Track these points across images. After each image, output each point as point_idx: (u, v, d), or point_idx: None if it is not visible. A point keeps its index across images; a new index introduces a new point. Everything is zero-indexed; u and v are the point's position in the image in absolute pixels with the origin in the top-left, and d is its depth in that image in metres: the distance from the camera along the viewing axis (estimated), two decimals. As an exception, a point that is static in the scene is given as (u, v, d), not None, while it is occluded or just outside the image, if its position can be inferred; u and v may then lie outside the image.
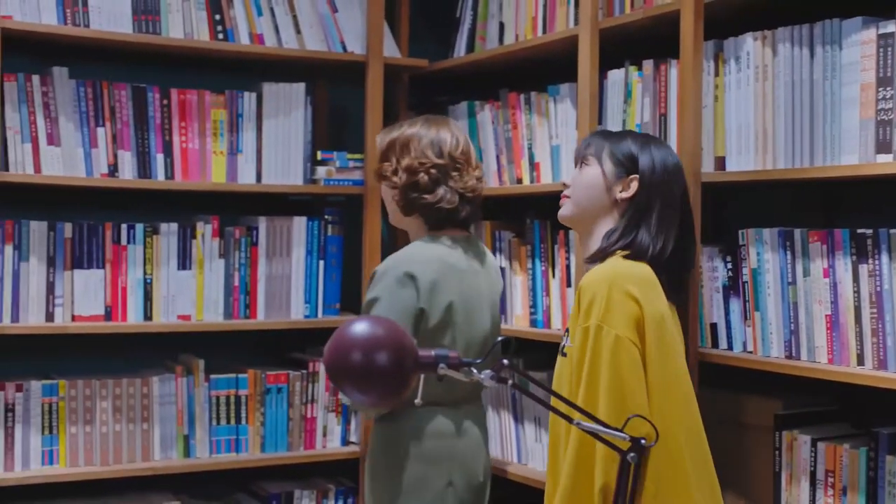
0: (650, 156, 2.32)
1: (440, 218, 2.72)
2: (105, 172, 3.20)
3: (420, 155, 2.70)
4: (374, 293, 2.61)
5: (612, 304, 2.11)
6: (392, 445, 2.65)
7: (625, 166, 2.32)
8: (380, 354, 1.65)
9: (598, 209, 2.33)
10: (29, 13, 3.09)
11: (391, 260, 2.65)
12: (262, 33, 3.40)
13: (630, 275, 2.16)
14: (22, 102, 3.10)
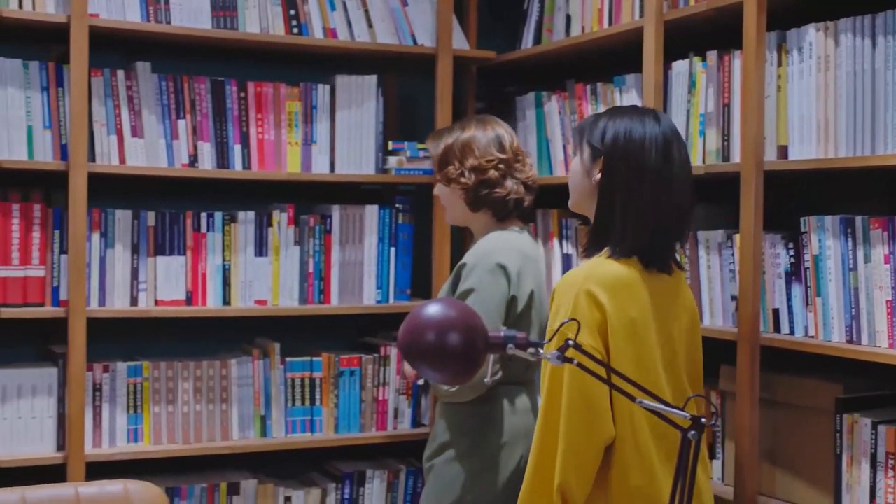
0: (614, 131, 2.28)
1: (508, 210, 2.87)
2: (186, 163, 3.33)
3: (484, 153, 2.85)
4: (469, 284, 2.74)
5: (577, 310, 2.12)
6: (476, 425, 2.78)
7: (597, 149, 2.30)
8: (452, 335, 1.74)
9: (587, 195, 2.34)
10: (114, 11, 3.22)
11: (479, 252, 2.79)
12: (336, 27, 3.51)
13: (602, 280, 2.16)
14: (108, 96, 3.24)
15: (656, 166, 2.24)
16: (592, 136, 2.31)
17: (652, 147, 2.25)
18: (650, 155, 2.24)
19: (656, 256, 2.27)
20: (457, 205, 2.92)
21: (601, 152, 2.28)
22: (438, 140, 2.94)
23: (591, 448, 2.11)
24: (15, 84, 3.14)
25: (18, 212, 3.14)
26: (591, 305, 2.13)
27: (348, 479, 3.55)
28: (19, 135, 3.14)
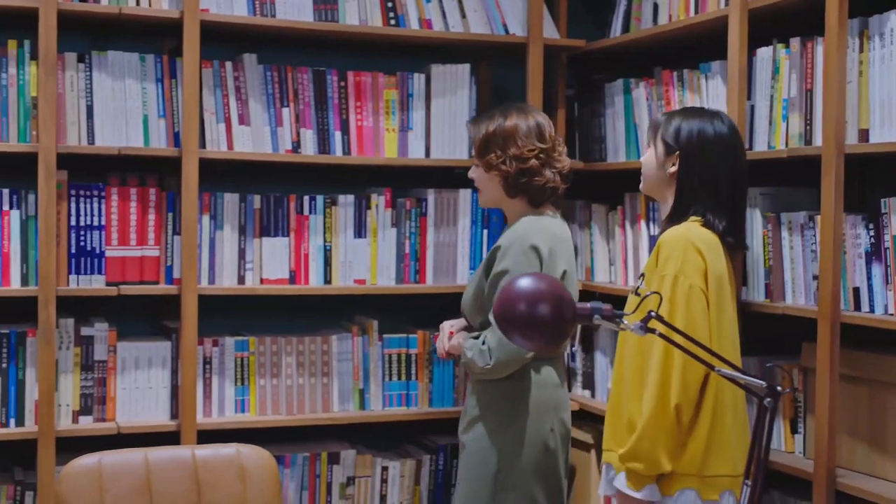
0: (689, 131, 2.72)
1: (544, 197, 3.05)
2: (289, 149, 3.51)
3: (526, 143, 3.01)
4: (504, 265, 2.92)
5: (687, 258, 2.58)
6: (506, 400, 2.96)
7: (671, 145, 2.73)
8: (542, 306, 1.88)
9: (660, 183, 2.78)
10: (223, 6, 3.41)
11: (512, 235, 2.96)
12: (431, 18, 3.65)
13: (699, 237, 2.62)
14: (217, 87, 3.43)
15: (727, 160, 2.72)
16: (667, 134, 2.74)
17: (721, 144, 2.72)
18: (720, 150, 2.71)
19: (733, 232, 2.73)
20: (493, 189, 3.07)
21: (675, 149, 2.72)
22: (479, 126, 3.07)
23: (695, 378, 2.54)
24: (132, 76, 3.35)
25: (136, 196, 3.36)
26: (697, 255, 2.58)
27: (441, 451, 3.71)
28: (136, 124, 3.36)
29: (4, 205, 3.24)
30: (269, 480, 2.59)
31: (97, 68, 3.31)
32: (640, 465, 2.57)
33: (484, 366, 2.93)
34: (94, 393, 3.33)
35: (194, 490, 2.53)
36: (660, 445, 2.55)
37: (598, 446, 3.65)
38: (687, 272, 2.57)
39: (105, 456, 2.51)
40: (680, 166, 2.72)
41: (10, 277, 3.24)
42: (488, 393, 3.00)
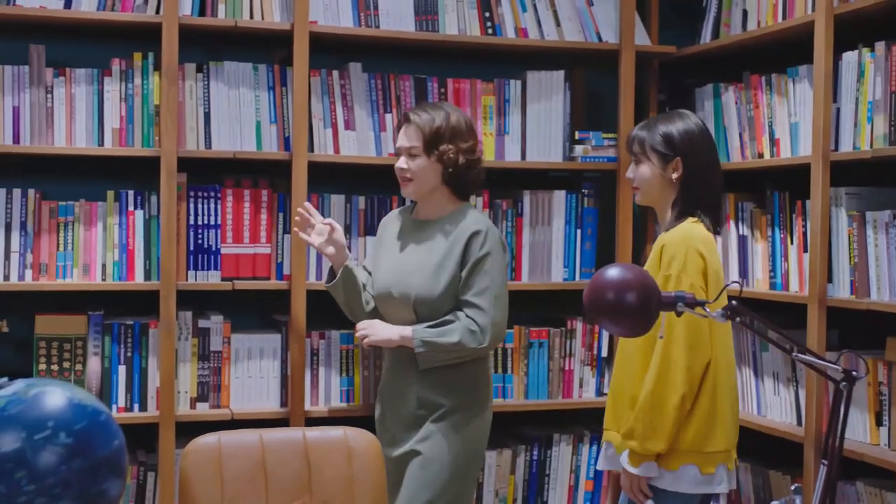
0: (679, 134, 2.88)
1: (473, 189, 3.24)
2: (392, 152, 3.69)
3: (470, 138, 3.17)
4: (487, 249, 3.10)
5: (688, 258, 2.76)
6: (475, 382, 3.15)
7: (665, 152, 2.88)
8: (629, 294, 2.03)
9: (662, 191, 2.92)
10: (330, 18, 3.61)
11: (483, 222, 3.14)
12: (526, 27, 3.81)
13: (698, 236, 2.80)
14: (324, 94, 3.64)
15: (713, 152, 2.92)
16: (657, 143, 2.90)
17: (706, 138, 2.91)
18: (707, 144, 2.91)
19: (718, 222, 2.93)
20: (432, 179, 3.15)
21: (673, 155, 2.87)
22: (419, 116, 3.15)
23: (699, 369, 2.74)
24: (246, 85, 3.57)
25: (249, 197, 3.58)
26: (697, 255, 2.76)
27: (536, 442, 3.85)
28: (249, 129, 3.58)
29: (129, 205, 3.49)
30: (375, 461, 2.76)
31: (214, 78, 3.55)
32: (635, 444, 2.79)
33: (476, 346, 3.06)
34: (210, 381, 3.56)
35: (305, 469, 2.72)
36: (657, 428, 2.76)
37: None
38: (689, 271, 2.75)
39: (224, 436, 2.72)
40: (684, 169, 2.87)
41: (134, 273, 3.49)
42: (454, 379, 3.12)
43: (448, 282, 3.09)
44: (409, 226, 3.25)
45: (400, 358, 3.18)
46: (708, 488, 2.80)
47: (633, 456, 2.81)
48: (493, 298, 3.08)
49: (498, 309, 3.09)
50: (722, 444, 2.81)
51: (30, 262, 3.42)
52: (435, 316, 3.11)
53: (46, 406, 1.76)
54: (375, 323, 3.21)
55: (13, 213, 3.41)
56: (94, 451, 1.76)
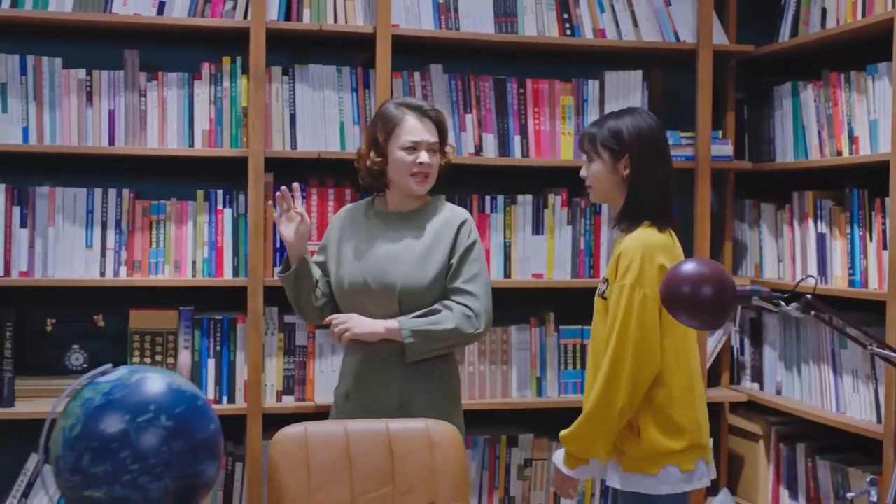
0: (628, 130, 2.84)
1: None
2: (472, 152, 3.77)
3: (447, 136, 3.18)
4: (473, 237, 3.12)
5: (644, 268, 2.73)
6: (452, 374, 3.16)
7: (615, 148, 2.85)
8: (704, 288, 2.08)
9: (614, 188, 2.88)
10: (412, 21, 3.70)
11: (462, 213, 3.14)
12: (604, 28, 3.86)
13: (654, 243, 2.77)
14: (406, 95, 3.72)
15: (665, 149, 2.89)
16: (607, 140, 2.86)
17: (657, 134, 2.87)
18: (658, 141, 2.87)
19: (671, 222, 2.89)
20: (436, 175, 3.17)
21: (623, 151, 2.83)
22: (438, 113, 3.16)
23: (644, 381, 2.74)
24: (330, 87, 3.67)
25: (333, 195, 3.68)
26: (654, 265, 2.74)
27: (615, 438, 3.90)
28: (333, 130, 3.68)
29: (219, 204, 3.61)
30: (456, 453, 2.84)
31: (299, 80, 3.65)
32: (574, 449, 2.83)
33: (473, 331, 3.04)
34: (296, 375, 3.67)
35: (388, 459, 2.80)
36: (597, 436, 2.77)
37: (767, 437, 3.79)
38: (643, 282, 2.73)
39: (310, 426, 2.82)
40: (632, 166, 2.83)
41: (223, 269, 3.61)
42: (438, 374, 3.11)
43: (437, 271, 3.05)
44: (376, 219, 3.17)
45: (378, 353, 3.08)
46: (691, 485, 2.83)
47: (571, 459, 2.85)
48: (484, 285, 3.09)
49: (488, 296, 3.10)
50: (695, 439, 2.83)
51: (124, 259, 3.56)
52: (420, 306, 3.05)
53: (148, 391, 1.86)
54: (356, 316, 3.08)
55: (108, 211, 3.55)
56: (193, 434, 1.86)
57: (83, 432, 1.81)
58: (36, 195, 3.51)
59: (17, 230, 3.49)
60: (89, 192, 3.55)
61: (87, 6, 3.51)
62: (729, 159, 3.94)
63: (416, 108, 3.11)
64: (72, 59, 3.58)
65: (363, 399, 3.11)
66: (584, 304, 3.98)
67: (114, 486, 1.79)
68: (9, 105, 3.49)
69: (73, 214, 3.53)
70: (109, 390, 1.85)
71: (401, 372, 3.06)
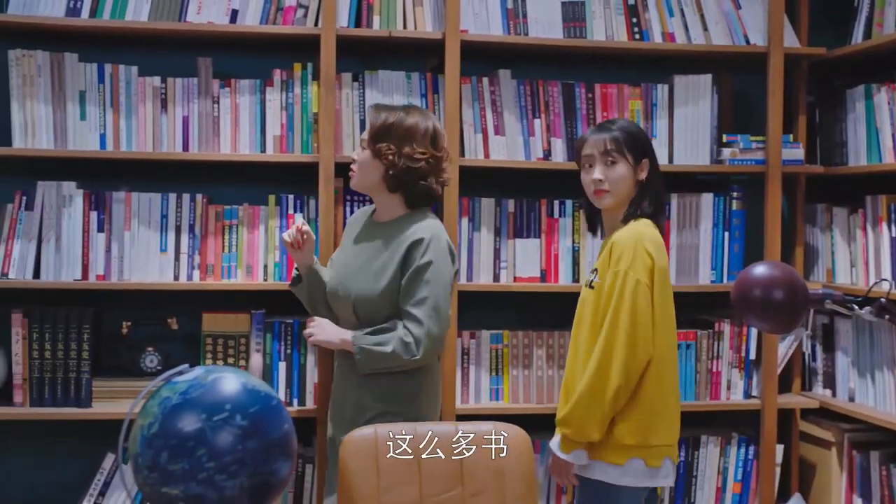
0: (638, 135, 3.03)
1: (421, 201, 3.17)
2: (540, 157, 3.78)
3: (421, 145, 3.11)
4: (429, 257, 3.05)
5: (636, 256, 2.86)
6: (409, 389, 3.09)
7: (637, 154, 3.00)
8: (776, 291, 2.07)
9: (630, 192, 3.02)
10: (481, 26, 3.72)
11: (429, 230, 3.10)
12: (674, 32, 3.84)
13: (647, 235, 2.91)
14: (475, 100, 3.74)
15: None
16: (631, 144, 3.00)
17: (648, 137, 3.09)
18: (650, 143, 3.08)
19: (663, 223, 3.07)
20: (371, 175, 3.14)
21: (643, 155, 3.01)
22: (380, 113, 3.15)
23: (639, 365, 2.85)
24: (399, 92, 3.70)
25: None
26: (646, 255, 2.87)
27: (684, 444, 3.87)
28: (403, 135, 3.71)
29: (290, 209, 3.66)
30: (525, 455, 2.85)
31: (369, 86, 3.69)
32: (569, 432, 2.91)
33: (409, 358, 3.02)
34: (365, 378, 3.70)
35: (457, 461, 2.82)
36: (591, 417, 2.88)
37: (840, 444, 3.75)
38: (636, 268, 2.85)
39: (379, 427, 2.84)
40: (650, 168, 3.02)
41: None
42: (389, 385, 3.10)
43: (385, 286, 3.08)
44: (367, 226, 3.25)
45: (345, 360, 3.19)
46: (654, 482, 2.91)
47: (566, 442, 2.93)
48: (431, 310, 3.03)
49: (435, 321, 3.03)
50: (667, 437, 2.94)
51: (197, 263, 3.63)
52: (375, 318, 3.11)
53: (223, 390, 1.90)
54: (324, 323, 3.21)
55: (182, 216, 3.61)
56: (267, 433, 1.89)
57: (161, 430, 1.85)
58: (113, 200, 3.59)
59: (95, 234, 3.57)
60: (164, 197, 3.62)
61: (163, 15, 3.58)
62: (800, 163, 3.90)
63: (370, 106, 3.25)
64: (147, 67, 3.66)
65: (334, 402, 3.26)
66: (652, 309, 3.99)
67: (190, 483, 1.83)
68: (87, 112, 3.57)
69: (149, 219, 3.60)
70: (186, 390, 1.89)
71: (356, 381, 3.15)
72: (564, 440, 2.95)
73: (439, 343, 3.09)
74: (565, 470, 2.98)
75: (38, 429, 3.79)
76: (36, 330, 3.54)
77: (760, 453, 3.84)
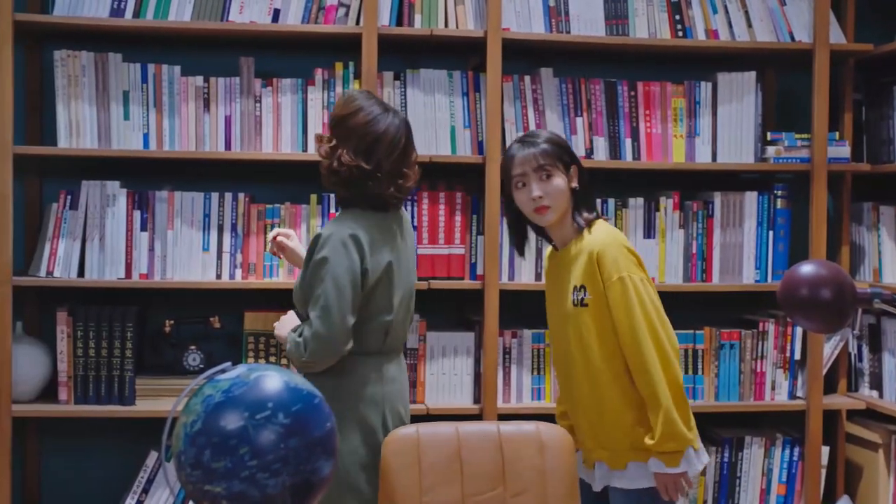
0: (562, 143, 2.94)
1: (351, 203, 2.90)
2: (583, 155, 3.76)
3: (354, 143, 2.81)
4: (323, 254, 2.78)
5: (626, 256, 2.82)
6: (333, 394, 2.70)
7: (565, 162, 2.91)
8: (823, 290, 2.04)
9: (567, 202, 2.92)
10: (522, 24, 3.71)
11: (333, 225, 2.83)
12: (717, 29, 3.81)
13: (621, 237, 2.89)
14: (516, 98, 3.73)
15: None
16: (563, 154, 2.91)
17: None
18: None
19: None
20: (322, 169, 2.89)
21: (571, 162, 2.92)
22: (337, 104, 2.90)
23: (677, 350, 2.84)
24: (441, 91, 3.70)
25: (444, 199, 3.70)
26: (629, 252, 2.84)
27: (727, 444, 3.84)
28: (444, 134, 3.70)
29: (331, 208, 3.66)
30: (567, 455, 2.84)
31: (411, 85, 3.69)
32: (674, 445, 2.77)
33: (300, 358, 2.79)
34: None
35: (499, 460, 2.81)
36: (684, 421, 2.78)
37: (887, 446, 3.70)
38: (632, 269, 2.81)
39: (422, 427, 2.84)
40: (579, 173, 2.93)
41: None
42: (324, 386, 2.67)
43: (298, 282, 2.88)
44: None
45: None
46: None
47: (671, 457, 2.78)
48: (320, 309, 2.75)
49: (322, 321, 2.75)
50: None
51: (239, 262, 3.64)
52: (302, 315, 2.89)
53: (266, 388, 1.90)
54: (286, 318, 2.98)
55: (225, 215, 3.63)
56: (309, 432, 1.89)
57: (204, 428, 1.85)
58: (156, 199, 3.61)
59: (138, 233, 3.59)
60: (206, 196, 3.63)
61: (205, 15, 3.59)
62: (846, 161, 3.85)
63: None
64: (190, 67, 3.68)
65: None
66: (696, 310, 3.97)
67: (233, 481, 1.83)
68: (131, 112, 3.60)
69: (191, 218, 3.62)
70: (229, 388, 1.89)
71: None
72: (668, 456, 2.78)
73: (329, 344, 2.75)
74: (680, 482, 2.82)
75: (82, 426, 3.82)
76: (80, 328, 3.57)
77: (805, 455, 3.80)
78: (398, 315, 2.91)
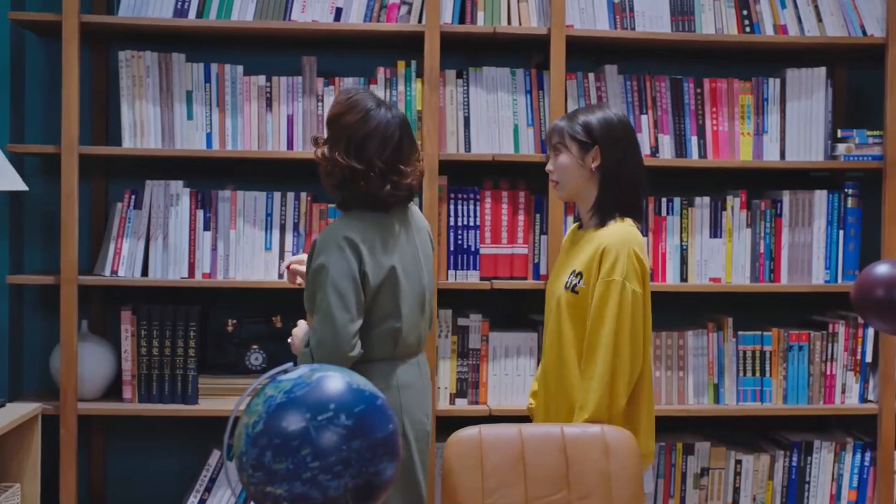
0: (600, 122, 2.86)
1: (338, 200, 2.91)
2: (648, 153, 3.70)
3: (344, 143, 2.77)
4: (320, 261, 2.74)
5: (630, 264, 2.76)
6: None
7: (584, 140, 2.85)
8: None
9: (582, 182, 2.88)
10: (587, 21, 3.66)
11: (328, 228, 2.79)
12: (786, 24, 3.74)
13: (636, 240, 2.81)
14: (580, 96, 3.69)
15: (637, 148, 2.91)
16: (576, 132, 2.86)
17: (626, 128, 2.90)
18: (627, 134, 2.89)
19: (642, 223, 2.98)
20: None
21: (592, 143, 2.85)
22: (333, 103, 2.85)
23: (636, 374, 2.82)
24: (504, 89, 3.66)
25: (507, 198, 3.67)
26: (638, 261, 2.79)
27: (796, 448, 3.76)
28: (507, 132, 3.67)
29: (393, 207, 3.64)
30: (632, 458, 2.79)
31: (473, 83, 3.66)
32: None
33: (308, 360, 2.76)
34: (469, 378, 3.67)
35: (563, 463, 2.77)
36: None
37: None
38: (630, 278, 2.76)
39: (484, 428, 2.80)
40: (602, 158, 2.84)
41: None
42: None
43: (304, 293, 2.85)
44: None
45: None
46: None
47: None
48: (323, 317, 2.72)
49: (326, 329, 2.72)
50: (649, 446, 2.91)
51: (302, 262, 3.63)
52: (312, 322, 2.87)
53: (328, 389, 1.87)
54: (297, 332, 2.92)
55: (287, 215, 3.63)
56: (372, 433, 1.86)
57: (265, 429, 1.83)
58: (218, 199, 3.62)
59: (201, 233, 3.61)
60: (268, 195, 3.63)
61: (268, 15, 3.59)
62: (920, 158, 3.76)
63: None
64: (253, 67, 3.68)
65: None
66: (764, 310, 3.91)
67: (294, 482, 1.81)
68: (194, 112, 3.61)
69: (254, 217, 3.62)
70: (290, 388, 1.87)
71: None
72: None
73: (335, 351, 2.71)
74: None
75: (145, 424, 3.84)
76: (144, 327, 3.59)
77: (877, 459, 3.71)
78: (409, 319, 2.86)
